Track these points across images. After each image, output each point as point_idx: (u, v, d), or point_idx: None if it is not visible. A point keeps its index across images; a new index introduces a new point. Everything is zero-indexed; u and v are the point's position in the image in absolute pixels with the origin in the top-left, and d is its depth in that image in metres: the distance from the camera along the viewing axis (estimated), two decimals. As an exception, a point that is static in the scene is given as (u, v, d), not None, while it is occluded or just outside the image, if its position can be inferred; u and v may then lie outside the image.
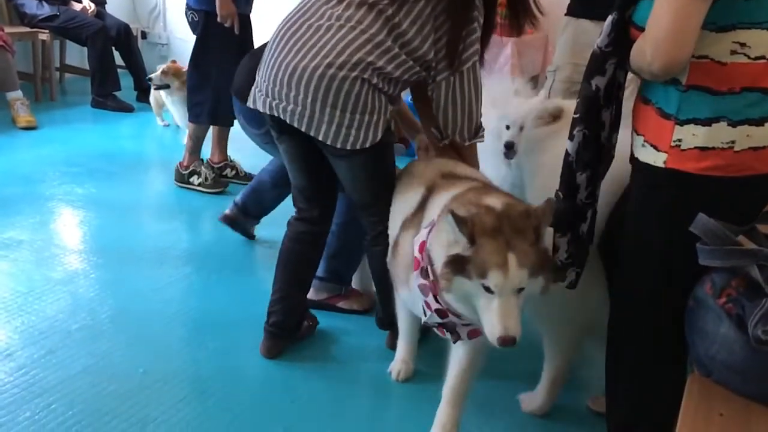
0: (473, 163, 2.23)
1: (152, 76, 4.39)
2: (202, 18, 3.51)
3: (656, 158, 1.46)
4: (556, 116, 2.43)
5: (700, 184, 1.41)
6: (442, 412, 1.95)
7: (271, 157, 2.89)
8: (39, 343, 2.29)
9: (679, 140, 1.42)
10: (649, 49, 1.36)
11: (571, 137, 1.60)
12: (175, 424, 1.97)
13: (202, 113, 3.69)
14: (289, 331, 2.34)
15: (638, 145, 1.53)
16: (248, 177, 3.99)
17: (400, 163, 2.25)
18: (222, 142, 3.94)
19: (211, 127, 3.84)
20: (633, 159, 1.57)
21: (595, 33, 3.59)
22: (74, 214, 3.46)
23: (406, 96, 2.50)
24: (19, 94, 4.73)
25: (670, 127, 1.43)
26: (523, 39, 4.91)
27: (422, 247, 1.74)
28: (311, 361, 2.33)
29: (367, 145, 1.99)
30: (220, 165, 3.97)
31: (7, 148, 4.27)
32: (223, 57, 3.50)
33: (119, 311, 2.54)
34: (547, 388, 2.07)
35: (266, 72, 2.06)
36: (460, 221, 1.53)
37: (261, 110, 2.10)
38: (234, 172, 3.99)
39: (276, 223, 2.38)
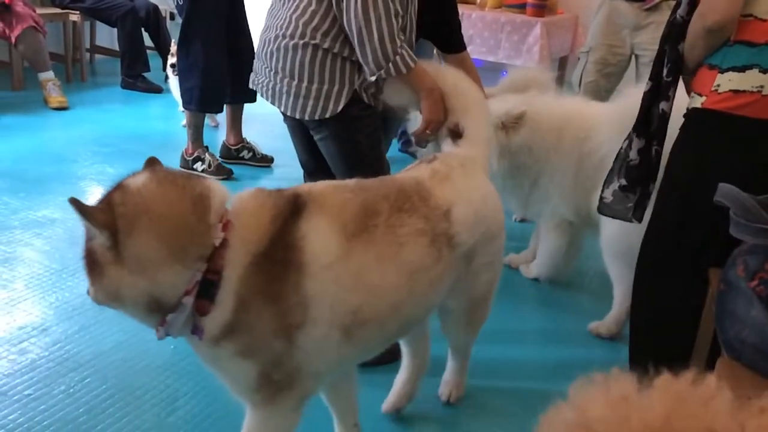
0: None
1: (174, 62, 4.27)
2: (186, 3, 3.45)
3: (697, 102, 1.68)
4: (519, 118, 2.49)
5: (729, 122, 1.61)
6: None
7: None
8: (73, 319, 2.35)
9: (718, 85, 1.63)
10: (705, 8, 1.60)
11: (667, 100, 1.75)
12: (203, 398, 2.01)
13: (192, 99, 3.60)
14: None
15: (690, 97, 1.75)
16: (265, 159, 3.96)
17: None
18: (236, 123, 3.90)
19: (226, 109, 3.81)
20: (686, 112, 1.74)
21: (630, 14, 3.58)
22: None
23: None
24: (51, 74, 4.79)
25: (713, 75, 1.65)
26: (552, 19, 4.86)
27: None
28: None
29: (327, 115, 1.98)
30: (237, 147, 3.93)
31: (40, 128, 4.34)
32: (209, 41, 3.47)
33: (150, 289, 2.59)
34: (615, 316, 2.43)
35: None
36: None
37: (251, 86, 2.18)
38: (251, 154, 3.95)
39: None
